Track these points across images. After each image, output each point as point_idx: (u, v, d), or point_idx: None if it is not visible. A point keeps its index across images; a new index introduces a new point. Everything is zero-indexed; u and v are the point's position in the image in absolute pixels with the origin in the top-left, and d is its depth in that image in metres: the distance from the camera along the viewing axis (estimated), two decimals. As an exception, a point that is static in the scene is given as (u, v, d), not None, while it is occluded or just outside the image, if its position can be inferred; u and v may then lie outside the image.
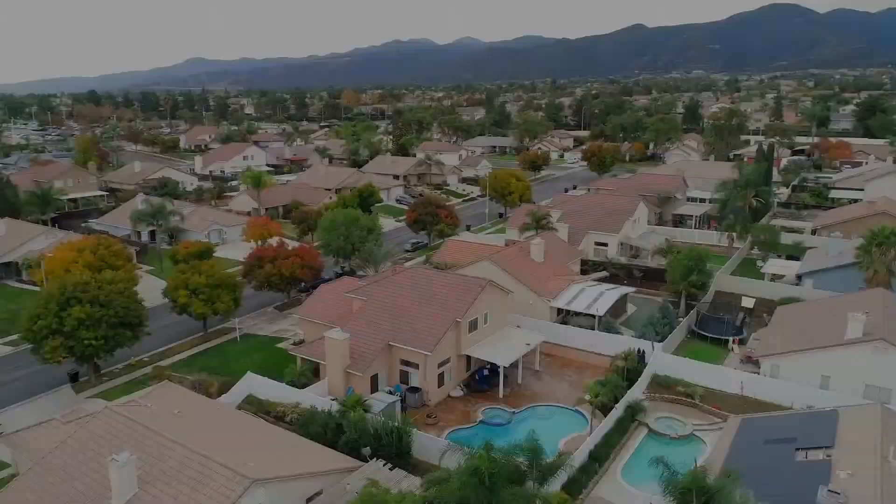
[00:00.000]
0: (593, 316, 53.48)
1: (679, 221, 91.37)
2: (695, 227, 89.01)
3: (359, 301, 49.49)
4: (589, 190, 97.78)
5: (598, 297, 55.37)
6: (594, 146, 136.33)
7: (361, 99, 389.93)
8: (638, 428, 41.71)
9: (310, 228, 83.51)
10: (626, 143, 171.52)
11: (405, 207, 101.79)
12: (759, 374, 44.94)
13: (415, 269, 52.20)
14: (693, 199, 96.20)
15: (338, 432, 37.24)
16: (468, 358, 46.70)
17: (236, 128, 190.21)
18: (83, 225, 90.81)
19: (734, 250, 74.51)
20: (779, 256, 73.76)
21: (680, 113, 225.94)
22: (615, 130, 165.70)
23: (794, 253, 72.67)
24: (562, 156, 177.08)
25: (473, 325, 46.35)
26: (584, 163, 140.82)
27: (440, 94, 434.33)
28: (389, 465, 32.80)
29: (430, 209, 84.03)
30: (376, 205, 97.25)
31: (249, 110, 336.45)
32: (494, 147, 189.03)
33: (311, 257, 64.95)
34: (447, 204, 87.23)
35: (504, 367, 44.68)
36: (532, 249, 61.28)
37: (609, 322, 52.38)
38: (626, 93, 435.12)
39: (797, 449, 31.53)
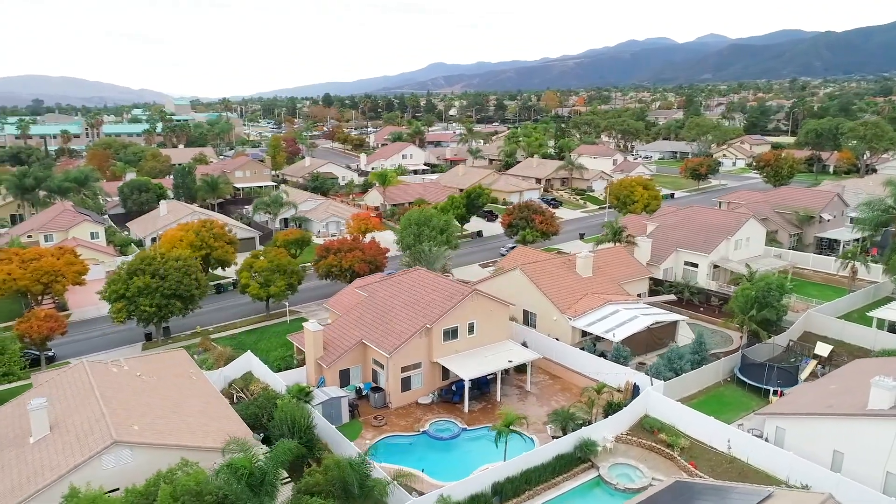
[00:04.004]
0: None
1: (826, 246, 76.46)
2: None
3: (362, 297, 50.95)
4: (721, 204, 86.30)
5: (627, 320, 49.68)
6: (768, 155, 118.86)
7: (568, 101, 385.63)
8: (589, 470, 37.16)
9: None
10: (833, 151, 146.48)
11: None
12: (760, 435, 36.89)
13: (417, 271, 51.87)
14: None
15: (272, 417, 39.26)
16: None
17: (407, 128, 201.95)
18: (238, 210, 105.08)
19: (861, 284, 60.63)
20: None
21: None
22: (808, 136, 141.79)
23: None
24: (750, 164, 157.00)
25: (451, 334, 44.89)
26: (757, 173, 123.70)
27: (653, 97, 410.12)
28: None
29: (526, 214, 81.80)
30: (489, 206, 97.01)
31: (453, 112, 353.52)
32: (675, 153, 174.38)
33: (375, 252, 67.73)
34: (547, 210, 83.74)
35: (468, 381, 42.70)
36: (578, 263, 56.88)
37: (620, 349, 46.70)
38: (886, 93, 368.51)
39: (680, 528, 25.89)
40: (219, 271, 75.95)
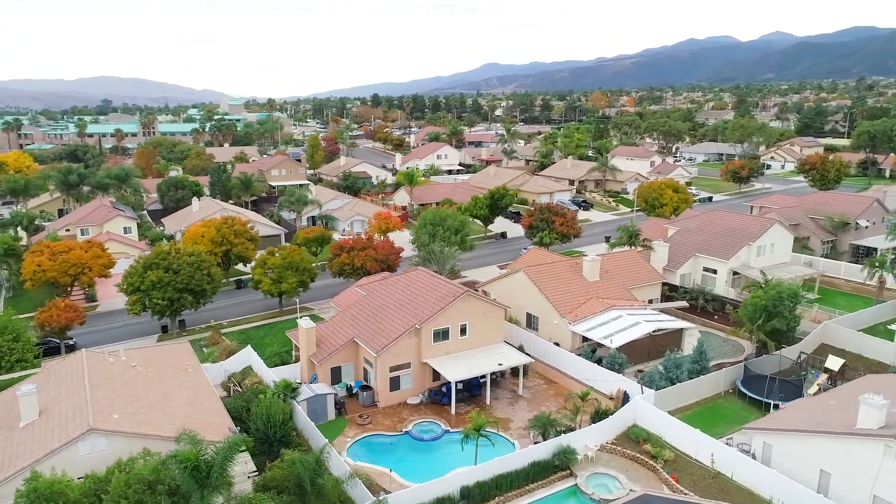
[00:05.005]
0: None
1: (863, 254, 72.43)
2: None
3: (361, 295, 51.27)
4: (752, 208, 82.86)
5: (628, 326, 48.36)
6: (813, 157, 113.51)
7: (618, 101, 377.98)
8: (567, 478, 36.31)
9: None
10: (890, 154, 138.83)
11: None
12: (748, 450, 35.25)
13: (416, 271, 51.76)
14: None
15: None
16: (438, 368, 45.16)
17: (444, 129, 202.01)
18: (269, 208, 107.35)
19: (892, 295, 57.18)
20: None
21: None
22: (860, 139, 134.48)
23: None
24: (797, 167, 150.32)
25: (442, 335, 44.64)
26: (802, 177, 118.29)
27: (706, 97, 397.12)
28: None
29: (546, 216, 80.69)
30: (517, 207, 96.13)
31: (499, 112, 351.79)
32: (721, 155, 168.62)
33: (389, 252, 68.04)
34: (569, 212, 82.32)
35: (455, 382, 42.41)
36: (584, 266, 55.72)
37: (615, 356, 45.43)
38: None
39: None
40: (240, 267, 77.90)
